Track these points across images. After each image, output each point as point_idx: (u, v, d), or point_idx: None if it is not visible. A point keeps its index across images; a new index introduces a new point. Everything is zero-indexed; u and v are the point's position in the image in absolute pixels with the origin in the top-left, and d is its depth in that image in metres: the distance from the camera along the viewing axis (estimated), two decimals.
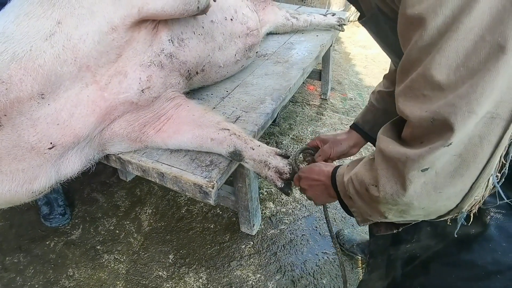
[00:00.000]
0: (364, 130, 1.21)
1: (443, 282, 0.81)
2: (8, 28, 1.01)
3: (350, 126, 1.26)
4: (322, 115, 2.86)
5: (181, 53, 1.35)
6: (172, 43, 1.31)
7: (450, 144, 0.54)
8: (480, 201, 0.63)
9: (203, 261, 1.78)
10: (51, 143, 1.07)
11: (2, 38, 0.99)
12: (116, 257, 1.82)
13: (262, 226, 1.94)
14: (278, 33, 2.46)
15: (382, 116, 1.15)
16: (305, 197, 2.07)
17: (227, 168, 1.31)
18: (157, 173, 1.31)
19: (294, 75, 1.92)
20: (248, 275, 1.70)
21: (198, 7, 1.25)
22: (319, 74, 2.95)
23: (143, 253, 1.83)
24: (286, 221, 1.97)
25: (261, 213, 1.97)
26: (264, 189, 2.16)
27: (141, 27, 1.20)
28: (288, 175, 1.22)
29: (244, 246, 1.85)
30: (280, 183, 1.22)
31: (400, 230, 0.84)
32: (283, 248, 1.82)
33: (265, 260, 1.77)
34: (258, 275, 1.70)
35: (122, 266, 1.77)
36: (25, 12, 1.02)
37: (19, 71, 0.97)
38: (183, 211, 2.05)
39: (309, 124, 2.75)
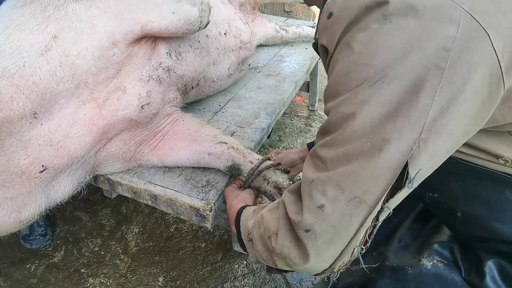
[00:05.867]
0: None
1: None
2: None
3: (306, 143, 1.40)
4: (311, 126, 2.83)
5: (178, 67, 1.29)
6: (170, 56, 1.26)
7: (322, 206, 0.65)
8: (347, 264, 0.74)
9: (195, 283, 1.70)
10: (43, 165, 0.98)
11: None
12: (102, 280, 1.71)
13: None
14: (268, 45, 2.43)
15: None
16: None
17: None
18: (149, 195, 1.23)
19: (287, 88, 1.88)
20: None
21: (199, 27, 1.23)
22: (306, 86, 2.94)
23: (130, 276, 1.73)
24: None
25: None
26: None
27: (141, 41, 1.14)
28: None
29: (237, 265, 1.78)
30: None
31: (287, 273, 0.96)
32: None
33: (259, 280, 1.71)
34: None
35: None
36: (15, 23, 0.93)
37: (10, 89, 0.88)
38: (172, 230, 1.97)
39: (299, 136, 2.72)
